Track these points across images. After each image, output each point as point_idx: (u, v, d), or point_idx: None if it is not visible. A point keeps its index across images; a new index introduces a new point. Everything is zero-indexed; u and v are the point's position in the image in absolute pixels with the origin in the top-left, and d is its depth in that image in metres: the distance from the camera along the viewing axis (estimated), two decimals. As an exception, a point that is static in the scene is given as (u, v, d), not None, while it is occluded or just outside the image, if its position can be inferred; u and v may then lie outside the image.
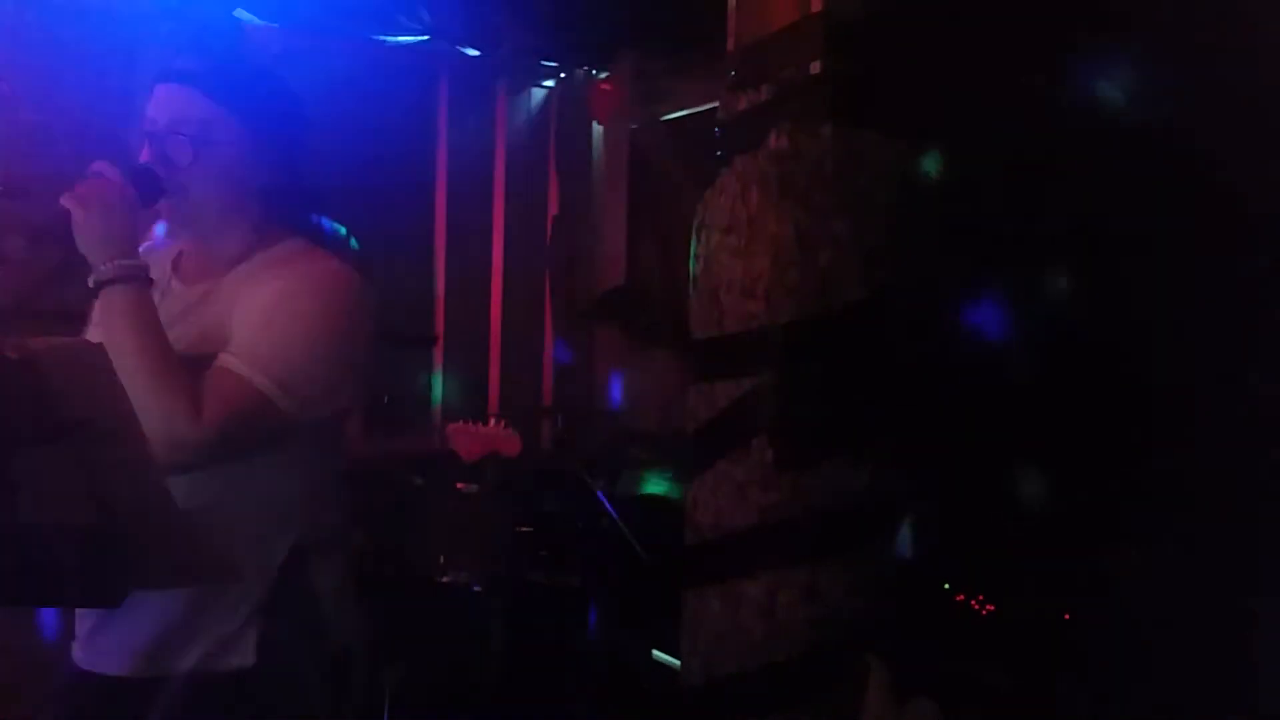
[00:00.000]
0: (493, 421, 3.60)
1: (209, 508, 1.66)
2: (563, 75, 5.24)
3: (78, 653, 1.82)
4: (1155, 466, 2.09)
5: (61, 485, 1.53)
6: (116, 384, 1.56)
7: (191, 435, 1.61)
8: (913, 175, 2.17)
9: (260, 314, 1.68)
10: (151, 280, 1.67)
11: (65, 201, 1.59)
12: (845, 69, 2.14)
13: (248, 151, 1.71)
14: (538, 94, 5.31)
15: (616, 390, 4.23)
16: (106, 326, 1.64)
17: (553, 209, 5.33)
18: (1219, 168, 1.90)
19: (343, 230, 3.29)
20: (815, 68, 2.14)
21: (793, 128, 2.14)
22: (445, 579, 3.84)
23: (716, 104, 2.36)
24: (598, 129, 5.21)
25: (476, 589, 3.86)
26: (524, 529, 3.92)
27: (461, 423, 3.62)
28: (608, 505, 3.60)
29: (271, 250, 1.78)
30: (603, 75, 5.09)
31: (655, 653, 3.76)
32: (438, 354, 4.78)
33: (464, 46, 4.78)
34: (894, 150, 2.16)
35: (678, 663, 2.36)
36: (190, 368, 1.65)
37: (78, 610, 1.81)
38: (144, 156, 1.72)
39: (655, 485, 3.91)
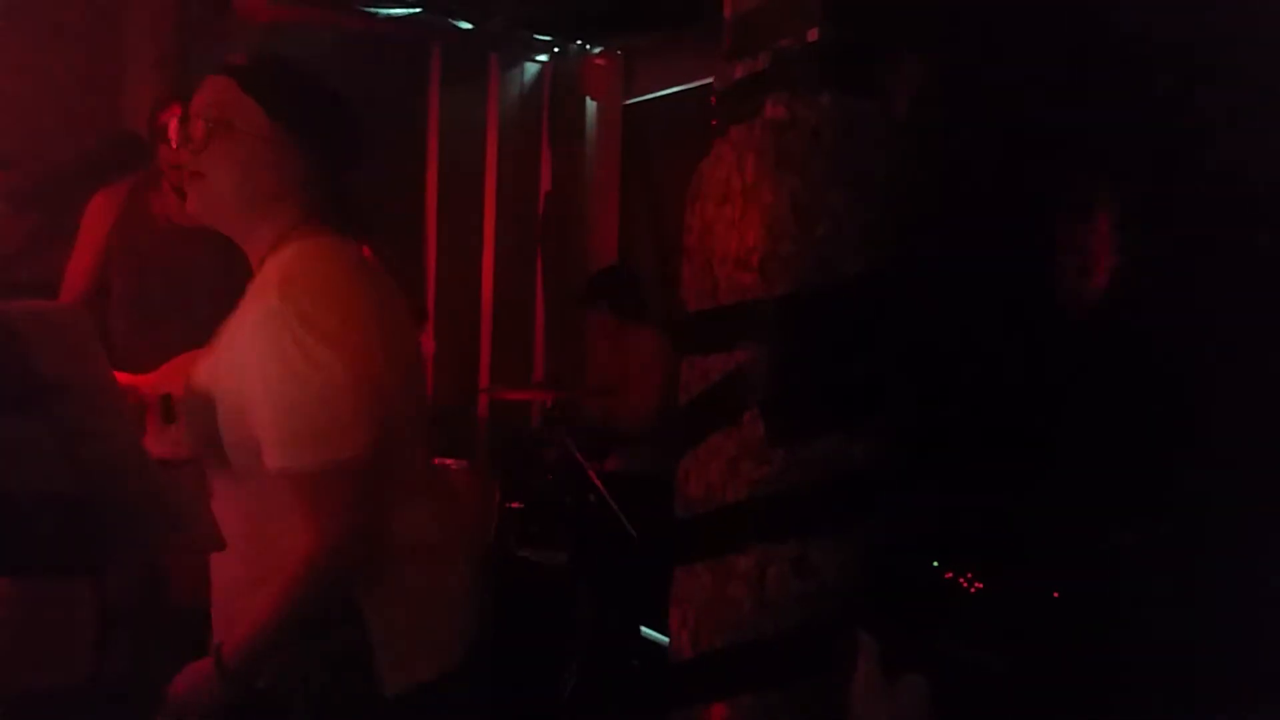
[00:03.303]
0: None
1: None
2: (556, 50, 5.20)
3: None
4: (1153, 444, 2.06)
5: (38, 451, 1.49)
6: (92, 347, 1.53)
7: (324, 563, 1.62)
8: (911, 146, 2.13)
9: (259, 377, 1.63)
10: None
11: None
12: (843, 37, 2.10)
13: (272, 148, 1.70)
14: (531, 69, 5.26)
15: (607, 366, 4.21)
16: None
17: (545, 185, 5.29)
18: (1228, 143, 1.87)
19: None
20: (813, 35, 2.10)
21: (790, 97, 2.11)
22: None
23: (712, 79, 2.33)
24: (591, 104, 5.17)
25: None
26: (513, 505, 3.89)
27: None
28: (597, 481, 3.58)
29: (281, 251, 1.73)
30: (597, 50, 5.04)
31: (644, 629, 3.75)
32: (428, 330, 4.75)
33: (456, 19, 4.73)
34: (892, 120, 2.12)
35: (666, 640, 2.34)
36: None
37: None
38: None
39: (645, 461, 3.89)
